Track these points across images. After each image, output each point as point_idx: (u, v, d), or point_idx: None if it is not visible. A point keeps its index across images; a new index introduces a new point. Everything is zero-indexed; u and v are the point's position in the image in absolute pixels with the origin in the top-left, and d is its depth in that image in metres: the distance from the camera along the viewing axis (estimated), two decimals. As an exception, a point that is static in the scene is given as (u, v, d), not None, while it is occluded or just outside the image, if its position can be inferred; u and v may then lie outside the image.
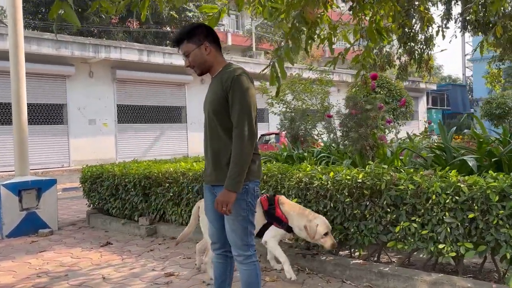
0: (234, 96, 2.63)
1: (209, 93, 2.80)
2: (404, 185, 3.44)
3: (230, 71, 2.71)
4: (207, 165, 2.84)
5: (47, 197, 6.20)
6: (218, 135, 2.73)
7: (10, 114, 13.78)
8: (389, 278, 3.48)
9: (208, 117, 2.77)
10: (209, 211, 2.88)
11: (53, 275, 4.20)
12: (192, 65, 2.77)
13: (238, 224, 2.68)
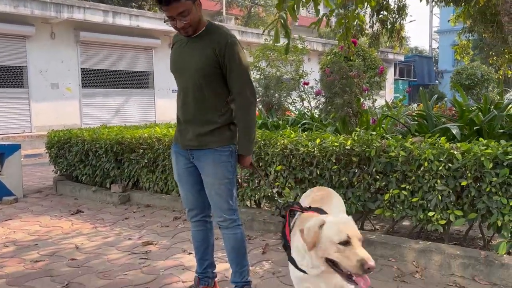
0: (232, 62, 2.49)
1: (193, 55, 2.55)
2: (395, 152, 3.35)
3: (220, 34, 2.52)
4: (186, 130, 2.64)
5: (11, 163, 5.83)
6: (206, 100, 2.56)
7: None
8: (376, 246, 3.44)
9: (195, 82, 2.55)
10: (184, 176, 2.73)
11: (21, 245, 3.95)
12: (188, 25, 2.48)
13: (224, 188, 2.61)
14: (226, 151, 2.59)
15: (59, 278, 3.18)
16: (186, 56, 2.58)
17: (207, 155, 2.58)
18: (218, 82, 2.54)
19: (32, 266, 3.42)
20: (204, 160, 2.59)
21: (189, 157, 2.66)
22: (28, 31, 14.21)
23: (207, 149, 2.57)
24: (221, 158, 2.57)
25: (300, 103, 9.37)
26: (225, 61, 2.49)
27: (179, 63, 2.63)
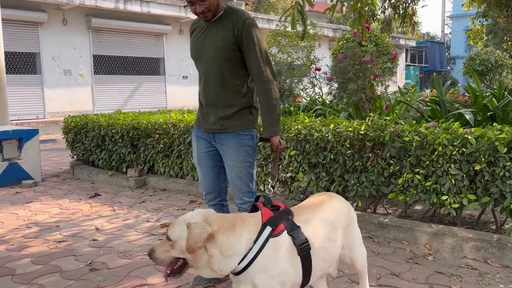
0: (250, 42, 2.53)
1: (212, 38, 2.59)
2: (409, 136, 3.40)
3: (237, 16, 2.56)
4: (208, 114, 2.70)
5: (29, 148, 5.96)
6: (227, 82, 2.61)
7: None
8: (389, 229, 3.50)
9: (215, 65, 2.59)
10: (204, 160, 2.79)
11: (44, 226, 4.08)
12: (208, 9, 2.53)
13: (245, 171, 2.66)
14: (247, 134, 2.64)
15: (82, 257, 3.30)
16: (206, 40, 2.63)
17: (228, 138, 2.64)
18: (238, 64, 2.59)
19: (56, 246, 3.55)
20: (226, 143, 2.65)
21: (211, 140, 2.72)
22: (40, 18, 14.30)
23: (229, 133, 2.63)
24: (242, 141, 2.63)
25: (311, 89, 9.39)
26: (243, 42, 2.52)
27: (199, 48, 2.67)
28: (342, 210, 2.13)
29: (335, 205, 2.11)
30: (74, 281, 2.89)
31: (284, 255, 1.83)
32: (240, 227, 1.85)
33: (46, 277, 2.96)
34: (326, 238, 1.97)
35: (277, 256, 1.82)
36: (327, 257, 2.00)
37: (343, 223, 2.11)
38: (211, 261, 1.80)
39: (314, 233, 1.94)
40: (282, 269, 1.82)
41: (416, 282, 2.76)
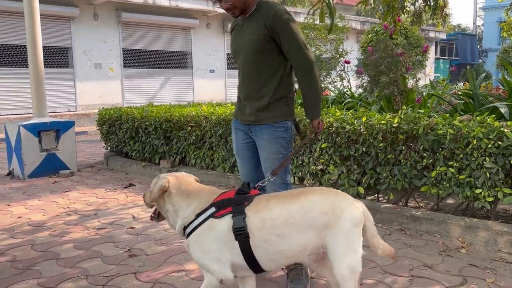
0: (284, 30, 2.56)
1: (247, 33, 2.67)
2: (443, 129, 3.39)
3: (268, 8, 2.61)
4: (244, 106, 2.77)
5: (66, 139, 6.18)
6: (260, 75, 2.67)
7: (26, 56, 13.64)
8: (421, 222, 3.51)
9: (249, 58, 2.66)
10: (242, 151, 2.87)
11: (82, 214, 4.25)
12: (234, 6, 2.61)
13: (277, 162, 2.69)
14: (281, 126, 2.69)
15: (121, 244, 3.43)
16: (242, 36, 2.70)
17: (263, 130, 2.70)
18: (271, 56, 2.63)
19: (96, 233, 3.70)
20: (260, 135, 2.72)
21: (248, 132, 2.80)
22: (72, 13, 14.65)
23: (263, 125, 2.69)
24: (276, 133, 2.68)
25: (339, 82, 9.36)
26: (277, 31, 2.55)
27: (236, 44, 2.77)
28: (319, 208, 1.95)
29: (311, 202, 1.97)
30: (115, 266, 3.02)
31: (218, 236, 1.96)
32: (193, 198, 2.07)
33: (88, 262, 3.10)
34: (272, 232, 1.93)
35: (209, 236, 1.97)
36: (271, 251, 1.96)
37: (317, 222, 1.94)
38: (167, 214, 2.14)
39: (258, 224, 1.95)
40: (213, 248, 1.96)
41: (449, 274, 2.78)
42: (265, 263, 2.00)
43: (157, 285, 2.72)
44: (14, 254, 3.27)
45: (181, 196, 2.09)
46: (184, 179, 2.16)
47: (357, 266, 1.94)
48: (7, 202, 4.73)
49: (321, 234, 1.95)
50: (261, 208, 1.98)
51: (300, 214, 1.95)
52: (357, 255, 1.94)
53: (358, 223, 1.96)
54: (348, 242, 1.92)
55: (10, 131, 6.00)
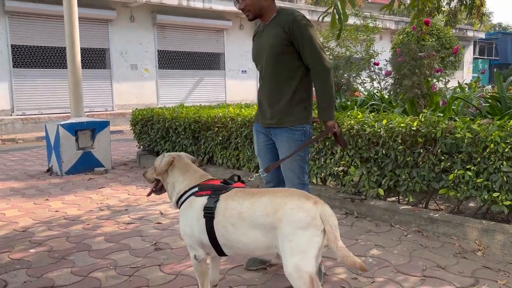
0: (303, 36, 2.69)
1: (266, 38, 2.82)
2: (461, 133, 3.43)
3: (287, 14, 2.76)
4: (265, 109, 2.91)
5: (101, 138, 6.49)
6: (281, 78, 2.80)
7: (65, 58, 14.25)
8: (439, 224, 3.56)
9: (268, 62, 2.81)
10: (263, 152, 3.02)
11: (114, 209, 4.50)
12: (247, 9, 2.78)
13: (296, 164, 2.83)
14: (299, 130, 2.82)
15: (148, 238, 3.65)
16: (262, 42, 2.86)
17: (282, 133, 2.84)
18: (291, 59, 2.76)
19: (125, 227, 3.94)
20: (280, 137, 2.86)
21: (268, 134, 2.95)
22: (110, 15, 15.17)
23: (282, 128, 2.83)
24: (294, 136, 2.81)
25: (370, 83, 9.34)
26: (296, 36, 2.69)
27: (256, 50, 2.93)
28: (262, 210, 2.07)
29: (259, 202, 2.10)
30: (141, 258, 3.23)
31: (194, 212, 2.25)
32: (187, 176, 2.40)
33: (117, 254, 3.32)
34: (228, 220, 2.15)
35: (187, 210, 2.30)
36: (227, 237, 2.16)
37: (261, 222, 2.07)
38: (168, 187, 2.46)
39: (222, 209, 2.18)
40: (189, 221, 2.27)
41: (461, 275, 2.83)
42: (223, 247, 2.23)
43: (180, 277, 2.90)
44: (51, 244, 3.53)
45: (179, 172, 2.42)
46: (185, 159, 2.49)
47: (305, 267, 1.97)
48: (46, 197, 5.05)
49: (270, 234, 2.06)
50: (229, 197, 2.21)
51: (249, 212, 2.11)
52: (305, 256, 1.98)
53: (305, 226, 1.99)
54: (292, 244, 1.98)
55: (50, 130, 6.37)
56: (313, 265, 1.99)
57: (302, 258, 1.98)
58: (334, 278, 2.83)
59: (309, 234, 1.99)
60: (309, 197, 2.08)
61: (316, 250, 2.00)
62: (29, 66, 13.75)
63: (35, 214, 4.37)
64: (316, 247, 2.00)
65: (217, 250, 2.27)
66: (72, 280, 2.89)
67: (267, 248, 2.11)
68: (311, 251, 1.99)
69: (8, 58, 13.22)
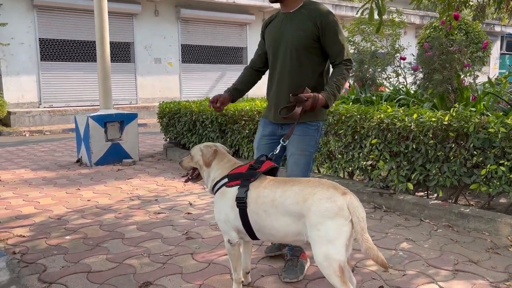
0: (333, 31, 2.67)
1: (290, 29, 2.72)
2: (494, 128, 3.39)
3: (319, 8, 2.71)
4: (278, 104, 2.79)
5: (129, 130, 6.61)
6: (302, 72, 2.73)
7: (92, 52, 14.49)
8: (469, 219, 3.53)
9: (291, 55, 2.72)
10: (262, 146, 2.92)
11: (144, 199, 4.60)
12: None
13: (303, 159, 2.75)
14: (313, 126, 2.75)
15: (179, 227, 3.72)
16: (283, 30, 2.76)
17: (296, 127, 2.71)
18: (314, 54, 2.71)
19: (156, 216, 4.02)
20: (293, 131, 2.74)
21: (277, 130, 2.85)
22: (135, 9, 15.35)
23: (299, 123, 2.70)
24: (308, 131, 2.74)
25: (395, 78, 9.26)
26: (325, 32, 2.65)
27: (276, 37, 2.79)
28: (293, 198, 2.14)
29: (290, 191, 2.17)
30: (174, 246, 3.30)
31: (226, 201, 2.36)
32: (222, 165, 2.49)
33: (150, 242, 3.40)
34: (261, 208, 2.23)
35: (221, 200, 2.39)
36: (260, 223, 2.25)
37: (292, 210, 2.14)
38: (204, 174, 2.56)
39: (254, 198, 2.26)
40: (223, 210, 2.38)
41: (494, 270, 2.82)
42: (257, 232, 2.32)
43: (212, 265, 2.96)
44: (85, 232, 3.64)
45: (215, 161, 2.52)
46: (221, 149, 2.60)
47: (334, 256, 2.02)
48: (77, 187, 5.18)
49: (299, 221, 2.14)
50: (260, 186, 2.29)
51: (281, 199, 2.18)
52: (334, 245, 2.02)
53: (333, 216, 2.03)
54: (320, 233, 2.04)
55: (80, 122, 6.52)
56: (342, 254, 2.04)
57: (331, 247, 2.03)
58: (365, 270, 2.85)
59: (337, 223, 2.04)
60: (338, 188, 2.13)
61: (344, 239, 2.04)
62: (56, 59, 14.04)
63: (68, 203, 4.50)
64: (344, 236, 2.04)
65: (250, 235, 2.37)
66: (108, 266, 2.97)
67: (297, 235, 2.19)
68: (340, 240, 2.04)
69: (36, 51, 13.51)
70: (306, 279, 2.73)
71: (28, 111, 12.79)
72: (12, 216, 4.08)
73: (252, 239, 2.41)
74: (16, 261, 3.06)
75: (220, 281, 2.72)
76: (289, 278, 2.68)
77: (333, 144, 4.61)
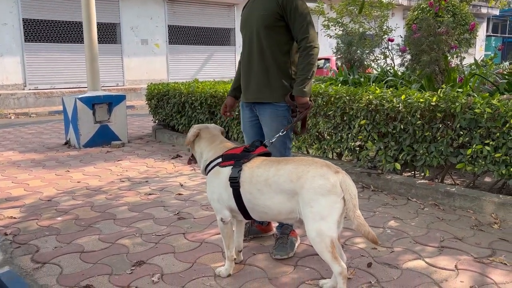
0: (294, 10, 2.67)
1: (255, 10, 2.77)
2: (480, 108, 3.46)
3: None
4: (248, 83, 2.86)
5: (117, 112, 6.58)
6: (268, 51, 2.75)
7: (78, 33, 14.22)
8: (455, 198, 3.62)
9: (257, 34, 2.75)
10: (248, 128, 2.99)
11: (135, 181, 4.61)
12: None
13: (278, 139, 2.75)
14: (282, 106, 2.78)
15: (170, 208, 3.75)
16: (251, 11, 2.81)
17: (265, 108, 2.80)
18: (279, 34, 2.72)
19: (147, 197, 4.05)
20: (263, 113, 2.83)
21: (253, 109, 2.91)
22: (121, -11, 15.08)
23: (266, 103, 2.78)
24: (277, 112, 2.78)
25: (383, 60, 9.29)
26: (287, 10, 2.66)
27: (245, 18, 2.86)
28: (287, 176, 2.18)
29: (284, 170, 2.21)
30: (166, 226, 3.33)
31: (220, 181, 2.40)
32: (214, 146, 2.53)
33: (142, 222, 3.43)
34: (254, 187, 2.27)
35: (214, 179, 2.43)
36: (254, 202, 2.30)
37: (285, 188, 2.18)
38: (196, 155, 2.62)
39: (247, 178, 2.31)
40: (216, 189, 2.42)
41: (478, 246, 2.91)
42: (250, 211, 2.36)
43: (204, 244, 3.00)
44: (76, 213, 3.65)
45: (206, 142, 2.56)
46: (211, 131, 2.62)
47: (326, 232, 2.07)
48: (66, 169, 5.17)
49: (293, 199, 2.19)
50: (253, 166, 2.33)
51: (275, 178, 2.22)
52: (326, 222, 2.08)
53: (325, 193, 2.08)
54: (313, 209, 2.09)
55: (67, 104, 6.46)
56: (334, 230, 2.10)
57: (323, 223, 2.09)
58: (354, 248, 2.92)
59: (330, 200, 2.09)
60: (331, 166, 2.18)
61: (336, 216, 2.10)
62: (41, 41, 13.78)
63: (58, 185, 4.49)
64: (336, 213, 2.10)
65: (244, 215, 2.41)
66: (100, 246, 3.00)
67: (290, 213, 2.24)
68: (332, 217, 2.10)
69: (20, 32, 13.25)
70: (297, 256, 2.79)
71: (13, 93, 12.60)
72: (2, 198, 4.07)
73: (245, 218, 2.46)
74: (8, 242, 3.07)
75: (212, 259, 2.77)
76: (280, 255, 2.74)
77: (322, 125, 4.65)
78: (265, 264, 2.70)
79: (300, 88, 2.66)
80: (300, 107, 2.71)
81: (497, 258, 2.71)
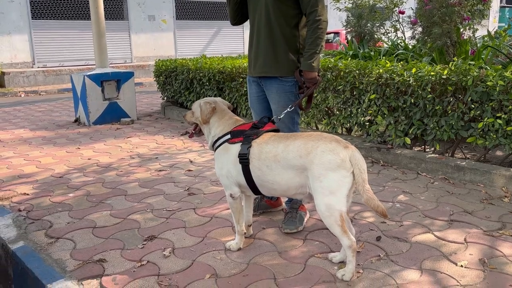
0: None
1: None
2: (493, 81, 3.40)
3: None
4: (255, 57, 2.84)
5: (126, 88, 6.58)
6: (276, 24, 2.72)
7: (85, 9, 14.15)
8: (465, 172, 3.60)
9: (266, 6, 2.72)
10: (255, 104, 2.98)
11: (145, 157, 4.64)
12: None
13: (286, 115, 2.75)
14: (290, 81, 2.76)
15: (180, 184, 3.78)
16: None
17: (272, 83, 2.78)
18: (287, 7, 2.69)
19: (157, 174, 4.08)
20: (270, 88, 2.81)
21: (260, 84, 2.89)
22: (127, -36, 14.89)
23: (272, 78, 2.77)
24: (284, 88, 2.76)
25: (393, 33, 9.12)
26: None
27: None
28: (296, 152, 2.19)
29: (293, 145, 2.21)
30: (176, 202, 3.37)
31: (229, 158, 2.41)
32: (223, 122, 2.52)
33: (152, 198, 3.47)
34: (263, 163, 2.28)
35: (223, 155, 2.44)
36: (263, 178, 2.31)
37: (295, 164, 2.19)
38: (204, 131, 2.62)
39: (256, 154, 2.31)
40: (225, 166, 2.43)
41: (488, 219, 2.90)
42: (259, 187, 2.38)
43: (214, 219, 3.04)
44: (87, 189, 3.70)
45: (216, 118, 2.55)
46: (221, 106, 2.61)
47: (335, 206, 2.09)
48: (77, 146, 5.22)
49: (302, 175, 2.20)
50: (262, 142, 2.34)
51: (283, 154, 2.24)
52: (335, 196, 2.09)
53: (335, 168, 2.09)
54: (322, 184, 2.11)
55: (76, 81, 6.46)
56: (343, 204, 2.11)
57: (333, 198, 2.10)
58: (363, 222, 2.93)
59: (339, 175, 2.10)
60: (340, 141, 2.17)
61: (346, 190, 2.11)
62: (48, 17, 13.73)
63: (69, 162, 4.54)
64: (346, 187, 2.11)
65: (253, 190, 2.42)
66: (112, 221, 3.04)
67: (299, 188, 2.26)
68: (341, 191, 2.11)
69: (27, 9, 13.19)
70: (306, 230, 2.81)
71: (22, 71, 12.64)
72: (15, 175, 4.13)
73: (254, 194, 2.47)
74: (22, 217, 3.13)
75: (222, 233, 2.80)
76: (289, 229, 2.76)
77: (331, 100, 4.61)
78: (275, 238, 2.72)
79: (309, 63, 2.65)
80: (308, 82, 2.70)
81: (507, 231, 2.71)
